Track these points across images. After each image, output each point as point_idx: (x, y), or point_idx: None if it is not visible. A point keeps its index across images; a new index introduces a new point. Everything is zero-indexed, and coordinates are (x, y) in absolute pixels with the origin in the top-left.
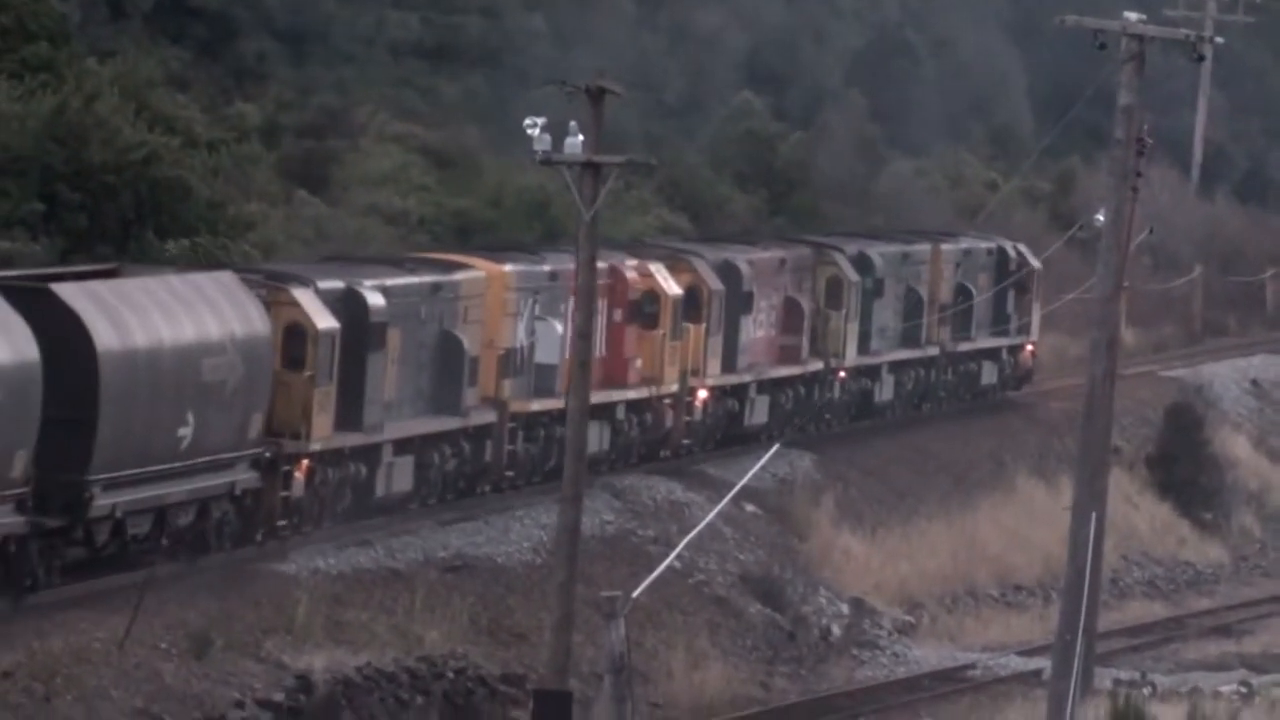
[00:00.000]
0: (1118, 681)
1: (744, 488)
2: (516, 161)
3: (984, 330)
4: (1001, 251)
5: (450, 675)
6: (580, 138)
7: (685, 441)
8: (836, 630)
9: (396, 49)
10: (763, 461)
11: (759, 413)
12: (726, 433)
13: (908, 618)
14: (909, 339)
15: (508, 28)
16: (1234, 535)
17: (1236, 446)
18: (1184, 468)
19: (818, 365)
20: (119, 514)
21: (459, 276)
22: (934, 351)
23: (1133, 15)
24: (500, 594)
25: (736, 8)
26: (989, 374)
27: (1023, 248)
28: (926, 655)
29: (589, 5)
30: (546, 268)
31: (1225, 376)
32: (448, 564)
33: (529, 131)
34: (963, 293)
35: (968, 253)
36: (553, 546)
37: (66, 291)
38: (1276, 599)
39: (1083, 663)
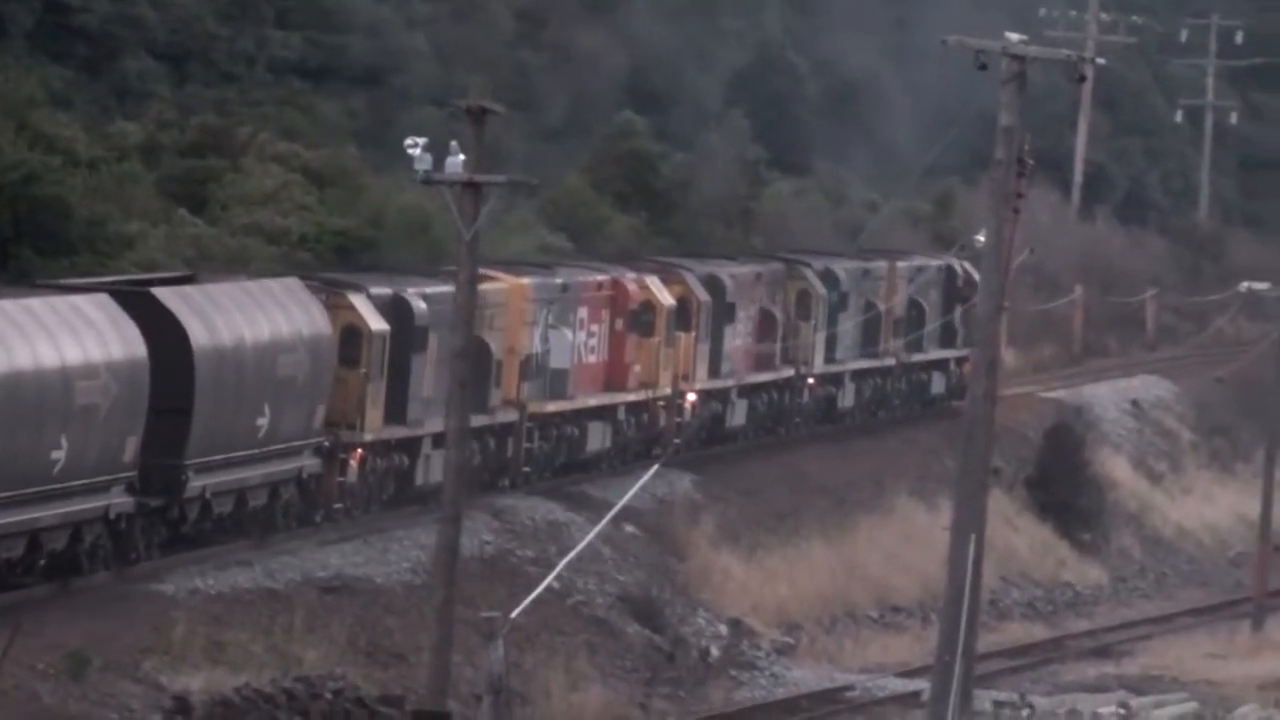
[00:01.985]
0: (997, 703)
1: (623, 508)
2: (397, 181)
3: (933, 343)
4: (950, 269)
5: (328, 696)
6: (461, 157)
7: (676, 441)
8: (715, 651)
9: (278, 68)
10: (642, 482)
11: (739, 415)
12: (710, 434)
13: (786, 639)
14: (868, 350)
15: (390, 47)
16: (1113, 556)
17: (1116, 468)
18: (1064, 489)
19: (789, 372)
20: (208, 495)
21: (487, 287)
22: (890, 362)
23: (1014, 36)
24: (379, 614)
25: (618, 27)
26: (938, 384)
27: (969, 265)
28: (805, 676)
29: (471, 24)
30: (559, 280)
31: (1105, 398)
32: (326, 584)
33: (410, 151)
34: (915, 307)
35: (920, 270)
36: (431, 567)
37: (165, 295)
38: (1155, 620)
39: (962, 684)
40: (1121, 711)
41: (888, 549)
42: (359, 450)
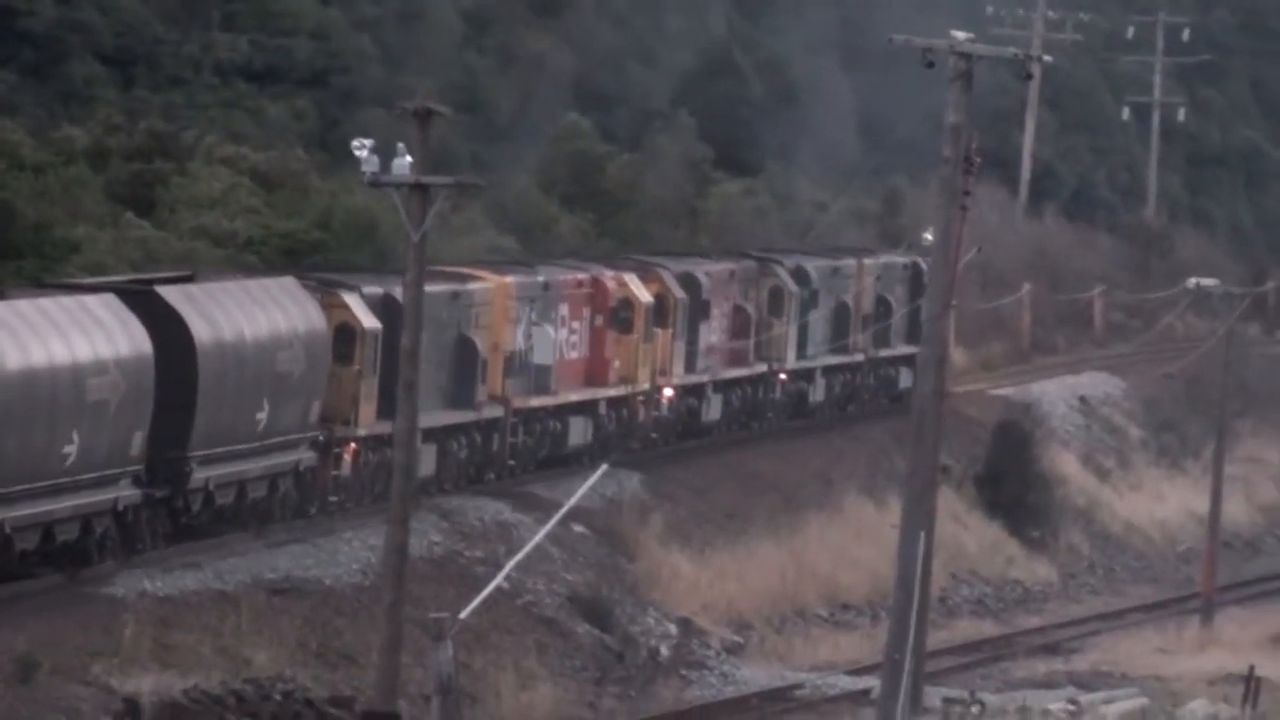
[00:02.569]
0: (947, 700)
1: (572, 508)
2: (345, 183)
3: (900, 338)
4: (916, 266)
5: (278, 698)
6: (408, 159)
7: (654, 435)
8: (665, 650)
9: (224, 71)
10: (591, 482)
11: (714, 410)
12: (686, 428)
13: (736, 638)
14: (838, 346)
15: (336, 49)
16: (1062, 553)
17: (1065, 464)
18: (1012, 486)
19: (762, 368)
20: (211, 486)
21: (472, 286)
22: (860, 357)
23: (960, 34)
24: (328, 616)
25: (564, 29)
26: (905, 378)
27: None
28: (755, 675)
29: (417, 26)
30: (541, 279)
31: (1054, 394)
32: (276, 586)
33: (357, 153)
34: (882, 303)
35: (887, 267)
36: (380, 568)
37: (169, 294)
38: (1105, 617)
39: (911, 682)
40: (1071, 708)
41: (837, 547)
42: (353, 444)
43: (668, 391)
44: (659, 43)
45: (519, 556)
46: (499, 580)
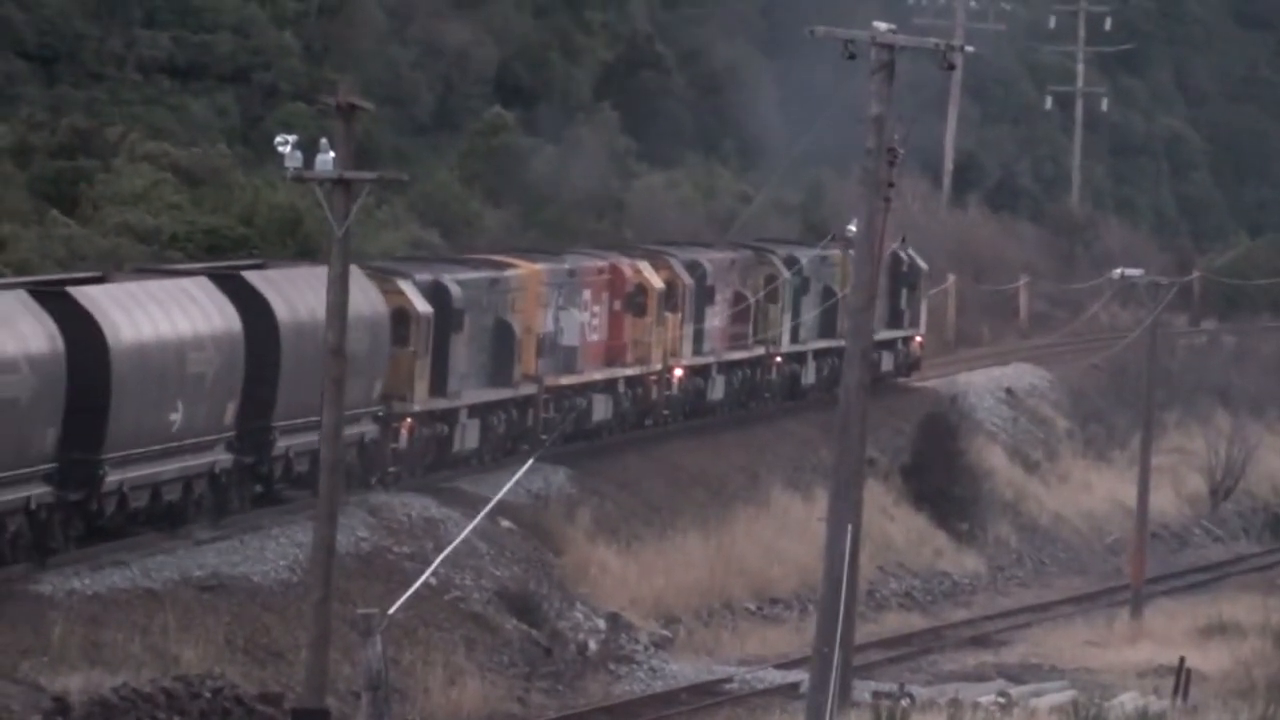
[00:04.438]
0: (876, 694)
1: (499, 503)
2: (268, 178)
3: (882, 323)
4: (896, 256)
5: (207, 695)
6: (331, 154)
7: (665, 412)
8: (593, 645)
9: (147, 67)
10: (517, 476)
11: (718, 390)
12: (693, 406)
13: (664, 632)
14: (825, 330)
15: (258, 45)
16: (990, 545)
17: (992, 456)
18: (939, 478)
19: (760, 351)
20: (290, 454)
21: (509, 273)
22: (843, 342)
23: (882, 25)
24: (257, 613)
25: (486, 22)
26: (887, 362)
27: (912, 251)
28: (683, 669)
29: (339, 21)
30: (567, 266)
31: (980, 386)
32: (203, 583)
33: (280, 148)
34: None
35: None
36: (308, 564)
37: (253, 278)
38: (1033, 609)
39: (840, 675)
40: (1001, 700)
41: (764, 541)
42: (409, 419)
43: (678, 371)
44: (581, 35)
45: (446, 552)
46: (427, 576)
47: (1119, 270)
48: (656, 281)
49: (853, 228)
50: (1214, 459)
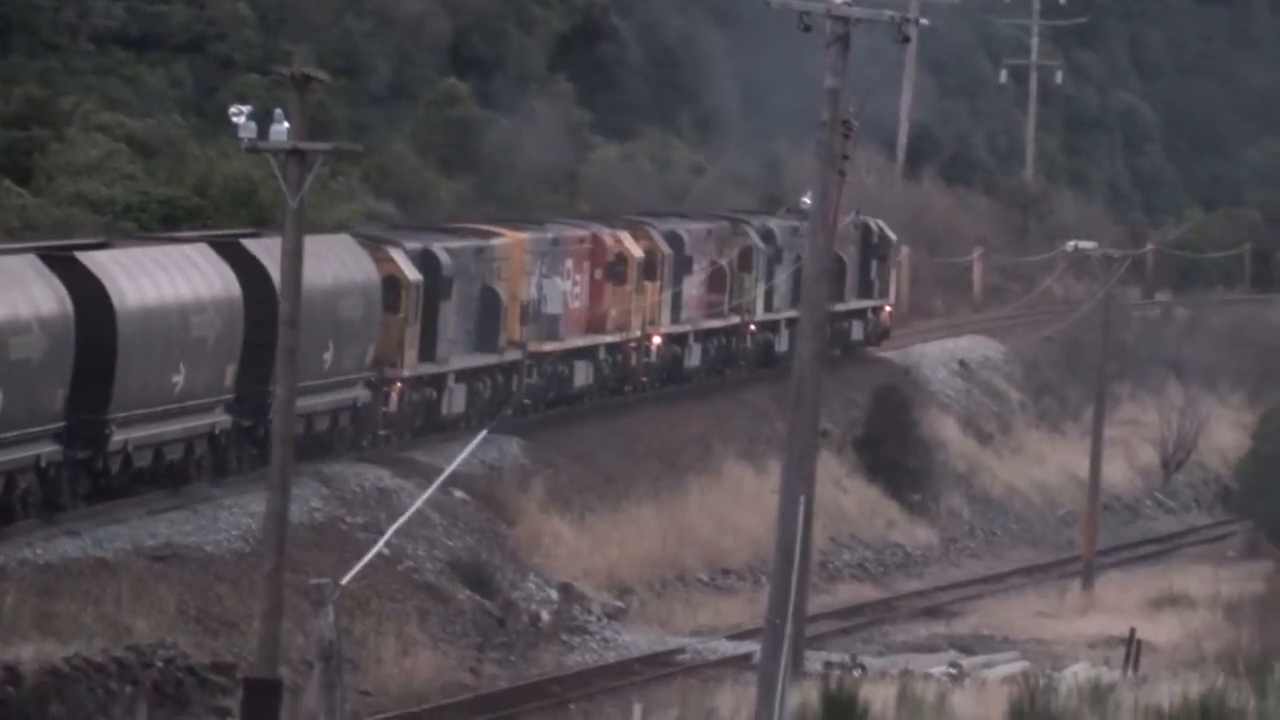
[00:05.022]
0: (828, 664)
1: (453, 474)
2: (222, 149)
3: (853, 293)
4: (866, 226)
5: (159, 665)
6: (286, 125)
7: (644, 379)
8: (546, 616)
9: (101, 38)
10: (471, 447)
11: (695, 357)
12: (670, 374)
13: (617, 603)
14: (798, 300)
15: (212, 15)
16: (943, 517)
17: (945, 428)
18: (892, 450)
19: (735, 320)
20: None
21: (495, 242)
22: None
23: None
24: (209, 582)
25: None
26: (857, 330)
27: (882, 223)
28: (636, 640)
29: None
30: (550, 235)
31: (933, 358)
32: (156, 553)
33: (234, 119)
34: (836, 261)
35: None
36: (261, 534)
37: (252, 245)
38: (985, 580)
39: (792, 646)
40: (952, 671)
41: (717, 512)
42: (399, 384)
43: (656, 339)
44: (536, 7)
45: (400, 522)
46: (380, 546)
47: (1072, 243)
48: (636, 251)
49: (807, 200)
50: (1166, 431)
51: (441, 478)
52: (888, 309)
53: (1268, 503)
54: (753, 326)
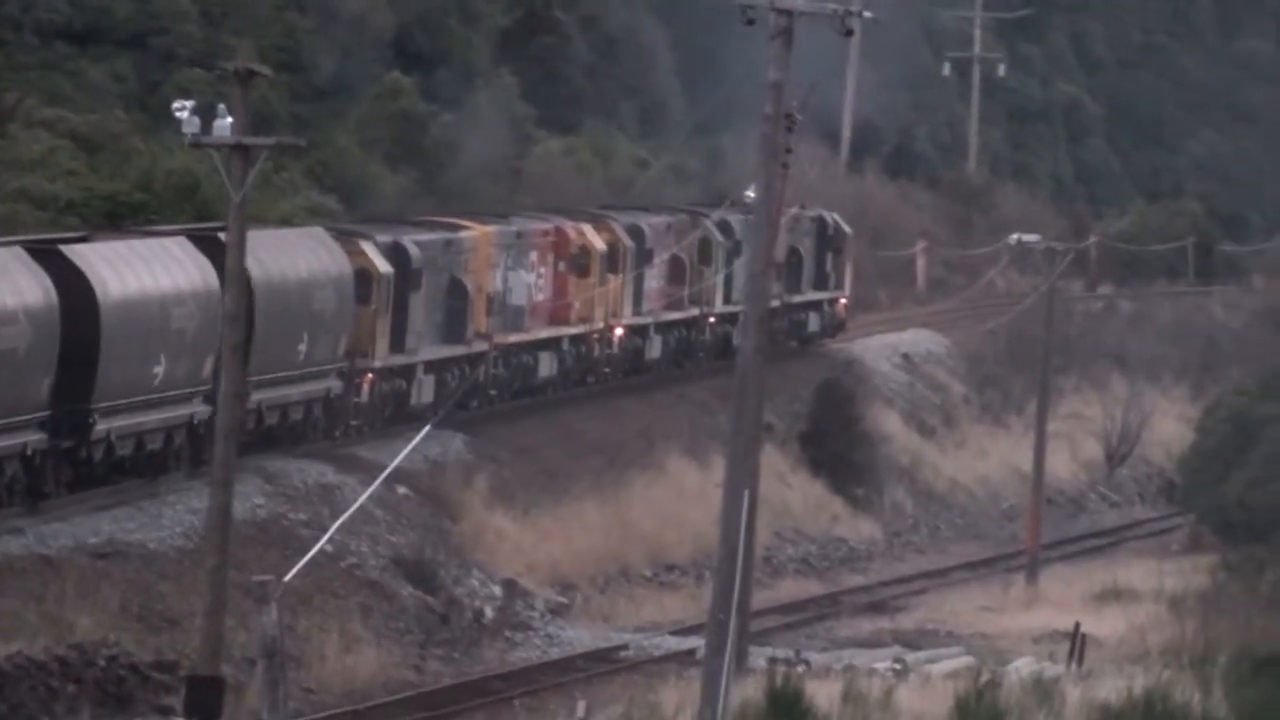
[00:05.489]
0: (772, 660)
1: (396, 470)
2: (166, 144)
3: (810, 285)
4: (821, 220)
5: (102, 663)
6: (229, 120)
7: (606, 370)
8: (489, 612)
9: (44, 32)
10: (414, 443)
11: (656, 349)
12: (632, 365)
13: (561, 599)
14: None
15: (155, 10)
16: (887, 511)
17: (888, 422)
18: (836, 444)
19: (695, 312)
20: (263, 407)
21: (462, 235)
22: (775, 303)
23: None
24: (152, 580)
25: None
26: (814, 322)
27: (837, 217)
28: (580, 636)
29: None
30: (514, 228)
31: (876, 352)
32: (99, 550)
33: (178, 114)
34: (794, 254)
35: (796, 220)
36: (204, 531)
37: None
38: (929, 575)
39: (737, 641)
40: (897, 666)
41: (661, 507)
42: (370, 374)
43: (618, 331)
44: (479, 1)
45: (343, 518)
46: (323, 543)
47: (1016, 236)
48: (599, 243)
49: (750, 193)
50: (1110, 424)
51: (384, 474)
52: (843, 301)
53: (1211, 496)
54: (712, 318)
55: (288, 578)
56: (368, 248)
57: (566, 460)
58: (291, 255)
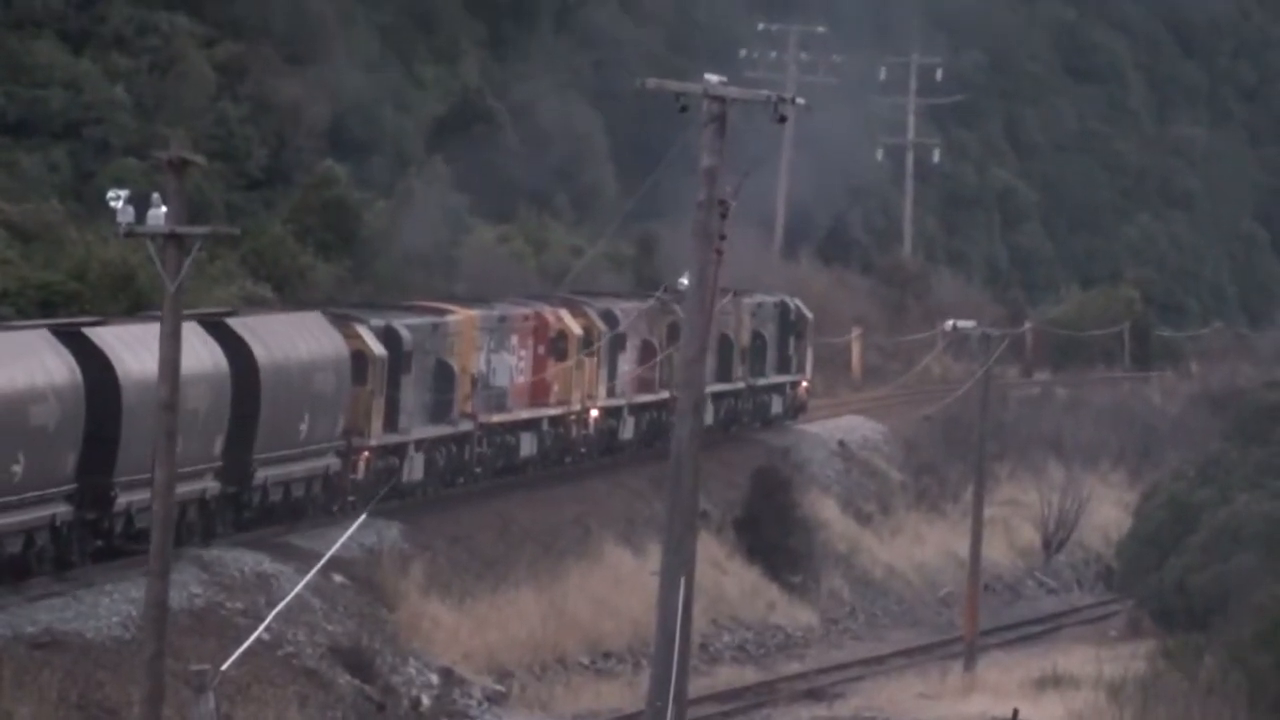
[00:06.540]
0: None
1: (332, 558)
2: (101, 234)
3: (773, 369)
4: (784, 304)
5: None
6: (163, 209)
7: (583, 450)
8: (427, 700)
9: None
10: (350, 531)
11: (629, 430)
12: (607, 445)
13: (498, 687)
14: (723, 375)
15: (89, 100)
16: (823, 598)
17: (825, 509)
18: (772, 531)
19: (665, 394)
20: (267, 484)
21: (449, 318)
22: (741, 385)
23: (714, 77)
24: (90, 669)
25: (318, 76)
26: (777, 404)
27: (799, 302)
28: None
29: (171, 76)
30: (497, 313)
31: (812, 438)
32: (36, 640)
33: (112, 204)
34: (758, 337)
35: (760, 305)
36: (141, 620)
37: (237, 324)
38: (867, 661)
39: None
40: None
41: (597, 595)
42: (366, 452)
43: (594, 412)
44: (412, 89)
45: (279, 607)
46: (260, 631)
47: (951, 322)
48: (575, 328)
49: (684, 280)
50: (1047, 510)
51: (321, 562)
52: (804, 384)
53: (1149, 582)
54: None
55: (225, 666)
56: (363, 331)
57: (502, 548)
58: (293, 338)
